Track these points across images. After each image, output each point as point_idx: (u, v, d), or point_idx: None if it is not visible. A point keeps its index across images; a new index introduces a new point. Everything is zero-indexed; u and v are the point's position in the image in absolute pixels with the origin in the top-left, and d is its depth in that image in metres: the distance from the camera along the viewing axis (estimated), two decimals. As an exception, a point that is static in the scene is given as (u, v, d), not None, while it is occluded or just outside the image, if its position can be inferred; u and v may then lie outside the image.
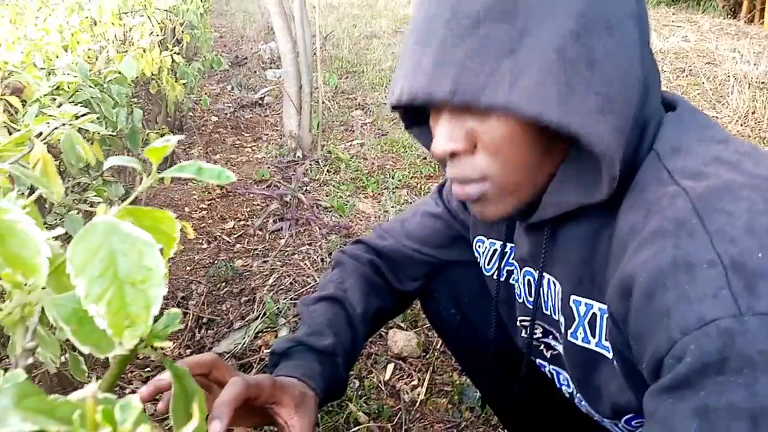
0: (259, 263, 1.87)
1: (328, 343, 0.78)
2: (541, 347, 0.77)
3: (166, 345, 0.33)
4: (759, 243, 0.43)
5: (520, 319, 0.77)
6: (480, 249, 0.84)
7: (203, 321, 1.59)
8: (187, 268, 1.86)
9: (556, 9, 0.51)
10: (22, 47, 1.19)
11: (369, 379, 1.36)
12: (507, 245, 0.77)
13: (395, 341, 1.44)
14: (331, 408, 1.26)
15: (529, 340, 0.76)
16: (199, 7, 2.96)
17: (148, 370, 1.38)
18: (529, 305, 0.74)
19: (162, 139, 0.36)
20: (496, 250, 0.80)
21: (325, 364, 0.76)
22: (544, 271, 0.68)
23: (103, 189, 0.98)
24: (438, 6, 0.55)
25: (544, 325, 0.73)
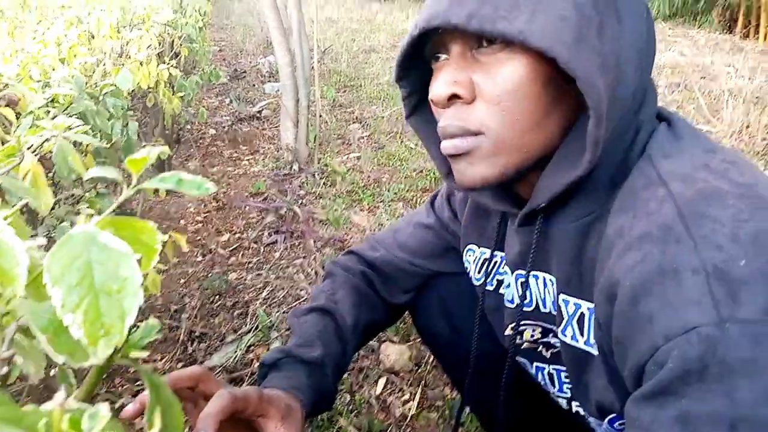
0: (253, 276, 1.87)
1: (317, 354, 0.78)
2: (540, 348, 0.77)
3: (142, 355, 0.34)
4: (743, 251, 0.44)
5: (511, 325, 0.77)
6: (470, 258, 0.84)
7: (196, 334, 1.59)
8: (181, 281, 1.86)
9: None
10: (20, 59, 1.20)
11: (360, 393, 1.36)
12: (496, 254, 0.78)
13: (387, 355, 1.44)
14: (322, 422, 1.26)
15: (516, 345, 0.75)
16: (198, 21, 2.99)
17: (138, 384, 1.37)
18: (525, 308, 0.74)
19: (143, 150, 0.36)
20: (485, 259, 0.80)
21: (313, 376, 0.76)
22: (536, 270, 0.68)
23: (95, 201, 0.98)
24: None
25: (544, 324, 0.72)
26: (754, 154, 2.76)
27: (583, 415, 0.71)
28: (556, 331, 0.70)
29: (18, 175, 0.65)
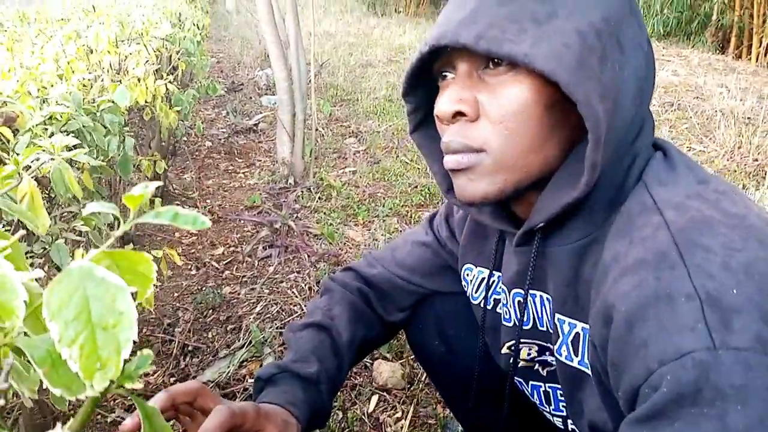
0: (247, 290, 1.87)
1: (313, 370, 0.78)
2: (536, 367, 0.78)
3: (137, 387, 0.34)
4: (735, 279, 0.45)
5: (508, 344, 0.78)
6: (468, 277, 0.85)
7: (189, 349, 1.59)
8: (175, 294, 1.86)
9: (585, 7, 0.56)
10: (18, 76, 1.21)
11: (352, 410, 1.36)
12: (494, 273, 0.79)
13: (380, 372, 1.45)
14: (314, 439, 1.26)
15: (514, 363, 0.76)
16: (196, 35, 3.01)
17: (130, 399, 1.37)
18: (522, 326, 0.75)
19: (140, 185, 0.37)
20: (483, 279, 0.82)
21: (309, 392, 0.77)
22: (534, 289, 0.70)
23: (91, 218, 0.99)
24: None
25: (541, 342, 0.74)
26: (745, 174, 2.79)
27: None
28: (553, 349, 0.71)
29: (16, 196, 0.66)
